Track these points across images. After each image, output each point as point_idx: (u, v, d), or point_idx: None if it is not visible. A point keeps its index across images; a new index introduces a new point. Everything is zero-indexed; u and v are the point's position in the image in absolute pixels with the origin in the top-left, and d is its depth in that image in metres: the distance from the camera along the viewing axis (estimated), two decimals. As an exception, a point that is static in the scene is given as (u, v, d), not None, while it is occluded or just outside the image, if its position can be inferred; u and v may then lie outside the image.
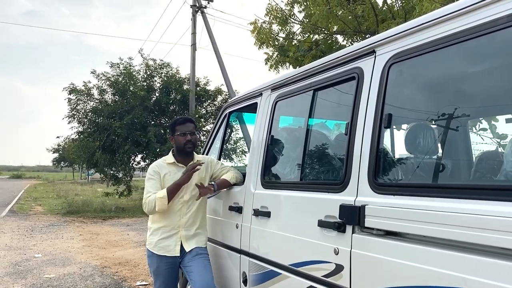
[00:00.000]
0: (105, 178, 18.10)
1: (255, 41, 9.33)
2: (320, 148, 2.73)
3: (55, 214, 16.00)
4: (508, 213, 1.39)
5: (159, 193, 3.19)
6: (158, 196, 3.17)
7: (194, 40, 16.23)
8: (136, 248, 8.90)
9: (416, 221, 1.71)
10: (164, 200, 3.17)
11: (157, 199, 3.16)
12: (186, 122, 3.43)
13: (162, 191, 3.20)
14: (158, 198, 3.16)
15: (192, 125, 3.43)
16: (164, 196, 3.17)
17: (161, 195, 3.17)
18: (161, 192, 3.20)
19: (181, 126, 3.38)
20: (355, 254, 2.00)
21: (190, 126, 3.40)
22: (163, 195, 3.17)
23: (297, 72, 2.85)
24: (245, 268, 3.04)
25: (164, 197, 3.16)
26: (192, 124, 3.45)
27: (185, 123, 3.40)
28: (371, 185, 1.98)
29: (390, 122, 1.99)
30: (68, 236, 10.62)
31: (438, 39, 1.78)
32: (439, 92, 2.13)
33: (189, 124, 3.42)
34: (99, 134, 15.65)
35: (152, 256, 3.34)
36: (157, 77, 16.97)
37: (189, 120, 3.48)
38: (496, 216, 1.42)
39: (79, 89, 16.42)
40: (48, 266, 7.15)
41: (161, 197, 3.16)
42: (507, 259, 1.39)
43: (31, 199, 23.71)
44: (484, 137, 2.68)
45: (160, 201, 3.16)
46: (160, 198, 3.16)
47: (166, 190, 3.19)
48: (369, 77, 2.12)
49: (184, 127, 3.37)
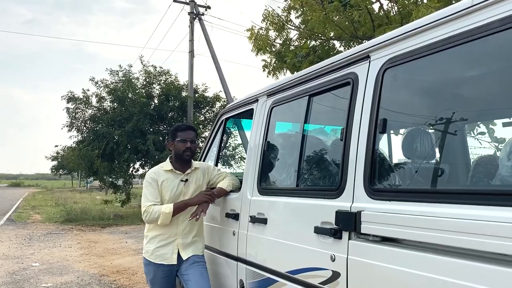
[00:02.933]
0: (104, 186, 18.04)
1: (252, 48, 9.34)
2: (316, 154, 2.71)
3: (54, 222, 15.92)
4: (506, 218, 1.37)
5: (165, 208, 3.13)
6: (164, 211, 3.11)
7: (192, 47, 16.26)
8: (134, 256, 8.85)
9: (412, 227, 1.69)
10: (169, 216, 3.12)
11: (162, 214, 3.11)
12: (188, 129, 3.41)
13: (169, 207, 3.13)
14: (163, 213, 3.11)
15: (193, 133, 3.42)
16: (170, 212, 3.11)
17: (167, 211, 3.11)
18: (168, 207, 3.13)
19: (183, 133, 3.36)
20: (352, 260, 1.98)
21: (191, 134, 3.39)
22: (169, 211, 3.11)
23: (293, 78, 2.84)
24: (242, 275, 3.01)
25: (170, 213, 3.11)
26: (194, 133, 3.43)
27: (186, 130, 3.39)
28: (367, 191, 1.96)
29: (386, 127, 1.98)
30: (66, 244, 10.56)
31: (432, 43, 1.77)
32: (434, 96, 2.12)
33: (191, 131, 3.41)
34: (98, 142, 15.62)
35: (148, 264, 3.31)
36: (156, 84, 16.99)
37: (191, 128, 3.48)
38: (494, 222, 1.40)
39: (78, 97, 16.43)
40: (45, 275, 7.10)
41: (167, 213, 3.11)
42: (505, 265, 1.37)
43: (30, 207, 23.62)
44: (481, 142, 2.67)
45: (165, 216, 3.11)
46: (165, 213, 3.11)
47: (173, 206, 3.14)
48: (364, 82, 2.11)
49: (185, 134, 3.36)
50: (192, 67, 16.39)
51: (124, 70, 16.72)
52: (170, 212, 3.12)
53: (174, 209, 3.13)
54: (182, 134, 3.35)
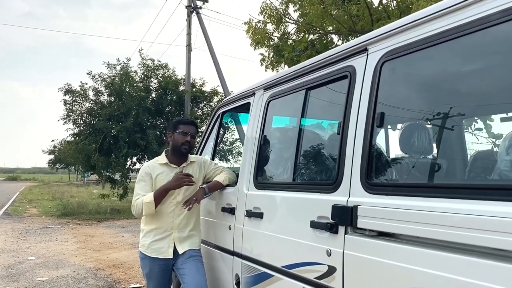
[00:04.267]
0: (102, 180, 18.01)
1: (250, 42, 9.30)
2: (312, 148, 2.69)
3: (50, 216, 15.90)
4: (502, 213, 1.36)
5: (146, 198, 3.14)
6: (145, 201, 3.12)
7: (189, 40, 16.18)
8: (131, 250, 8.84)
9: (409, 222, 1.67)
10: (151, 205, 3.12)
11: (144, 204, 3.12)
12: (190, 124, 3.45)
13: (149, 196, 3.14)
14: (145, 203, 3.12)
15: (195, 129, 3.45)
16: (151, 201, 3.11)
17: (147, 200, 3.12)
18: (148, 196, 3.14)
19: (185, 126, 3.37)
20: (348, 255, 1.96)
21: (193, 129, 3.41)
22: (149, 200, 3.12)
23: (290, 71, 2.82)
24: (238, 270, 3.00)
25: (151, 202, 3.11)
26: (195, 128, 3.47)
27: (189, 125, 3.42)
28: (363, 185, 1.94)
29: (383, 121, 1.96)
30: (62, 238, 10.54)
31: (430, 36, 1.75)
32: (432, 90, 2.10)
33: (193, 127, 3.43)
34: (95, 137, 15.57)
35: (144, 258, 3.29)
36: (154, 77, 16.92)
37: (194, 124, 3.51)
38: (490, 216, 1.39)
39: (75, 90, 16.36)
40: (41, 269, 7.09)
41: (148, 202, 3.11)
42: (501, 260, 1.36)
43: (26, 201, 23.58)
44: (479, 136, 2.66)
45: (146, 205, 3.12)
46: (147, 203, 3.11)
47: (153, 195, 3.14)
48: (361, 76, 2.09)
49: (187, 127, 3.37)
50: (190, 61, 16.32)
51: (122, 64, 16.65)
52: (151, 201, 3.11)
53: (154, 198, 3.12)
54: (184, 127, 3.36)
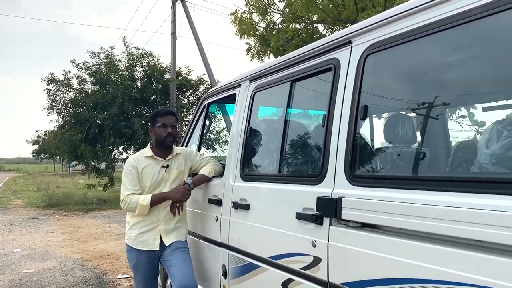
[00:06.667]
0: (87, 170, 17.84)
1: (236, 31, 9.23)
2: (298, 140, 2.70)
3: (35, 207, 15.74)
4: (484, 206, 1.38)
5: (142, 199, 3.12)
6: (141, 203, 3.11)
7: (174, 28, 15.98)
8: (118, 240, 8.81)
9: (392, 214, 1.70)
10: (146, 208, 3.12)
11: (140, 205, 3.11)
12: (168, 114, 3.37)
13: (147, 198, 3.13)
14: (140, 205, 3.11)
15: (173, 118, 3.38)
16: (148, 204, 3.12)
17: (144, 203, 3.11)
18: (145, 199, 3.13)
19: (163, 118, 3.32)
20: (332, 246, 1.99)
21: (172, 119, 3.35)
22: (146, 203, 3.11)
23: (275, 63, 2.81)
24: (225, 261, 3.02)
25: (147, 206, 3.12)
26: (174, 117, 3.39)
27: (166, 115, 3.35)
28: (347, 177, 1.96)
29: (367, 114, 1.97)
30: (48, 229, 10.46)
31: (414, 29, 1.76)
32: (416, 82, 2.12)
33: (171, 116, 3.37)
34: (80, 126, 15.37)
35: (131, 250, 3.29)
36: (139, 66, 16.71)
37: (171, 113, 3.43)
38: (472, 209, 1.41)
39: (58, 79, 16.08)
40: (27, 261, 7.03)
41: (144, 205, 3.11)
42: (483, 252, 1.39)
43: (10, 192, 23.26)
44: (462, 128, 2.69)
45: (141, 208, 3.12)
46: (142, 205, 3.11)
47: (150, 199, 3.13)
48: (345, 68, 2.09)
49: (165, 119, 3.31)
50: (175, 49, 16.13)
51: (106, 52, 16.40)
52: (147, 205, 3.12)
53: (152, 202, 3.13)
54: (162, 119, 3.31)
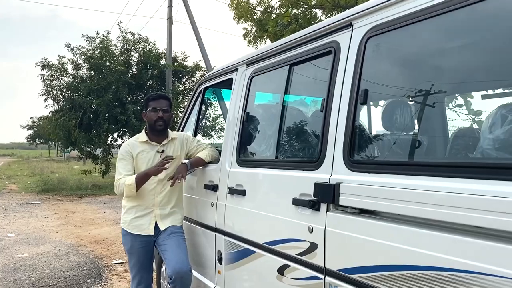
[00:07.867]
0: (83, 156, 17.75)
1: (233, 15, 9.12)
2: (295, 125, 2.67)
3: (30, 192, 15.68)
4: (482, 191, 1.36)
5: (127, 180, 3.10)
6: (126, 183, 3.08)
7: (170, 13, 15.78)
8: (113, 226, 8.81)
9: (390, 199, 1.68)
10: (132, 187, 3.08)
11: (126, 186, 3.08)
12: (159, 98, 3.32)
13: (131, 178, 3.09)
14: (126, 185, 3.08)
15: (166, 102, 3.32)
16: (133, 183, 3.07)
17: (129, 183, 3.08)
18: (130, 179, 3.10)
19: (154, 102, 3.27)
20: (330, 232, 1.97)
21: (164, 103, 3.29)
22: (131, 183, 3.08)
23: (273, 46, 2.76)
24: (220, 246, 3.01)
25: (132, 185, 3.07)
26: (166, 101, 3.33)
27: (158, 99, 3.30)
28: (346, 163, 1.93)
29: (367, 98, 1.93)
30: (42, 214, 10.43)
31: (417, 11, 1.71)
32: (417, 67, 2.08)
33: (163, 100, 3.31)
34: (75, 112, 15.25)
35: (126, 235, 3.28)
36: (134, 51, 16.54)
37: (163, 97, 3.37)
38: (470, 194, 1.40)
39: (53, 64, 15.89)
40: (21, 246, 7.01)
41: (129, 185, 3.08)
42: (481, 238, 1.37)
43: (5, 177, 23.17)
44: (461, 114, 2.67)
45: (128, 188, 3.09)
46: (128, 186, 3.08)
47: (134, 178, 3.09)
48: (346, 52, 2.05)
49: (157, 103, 3.27)
50: (171, 34, 15.95)
51: (101, 37, 16.19)
52: (132, 184, 3.08)
53: (136, 181, 3.08)
54: (154, 103, 3.27)
